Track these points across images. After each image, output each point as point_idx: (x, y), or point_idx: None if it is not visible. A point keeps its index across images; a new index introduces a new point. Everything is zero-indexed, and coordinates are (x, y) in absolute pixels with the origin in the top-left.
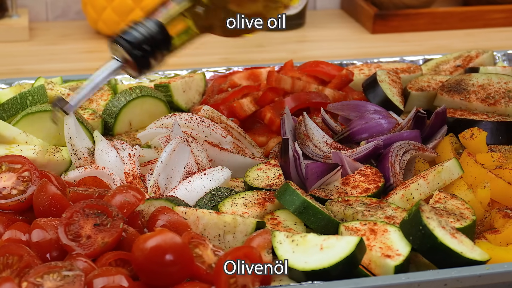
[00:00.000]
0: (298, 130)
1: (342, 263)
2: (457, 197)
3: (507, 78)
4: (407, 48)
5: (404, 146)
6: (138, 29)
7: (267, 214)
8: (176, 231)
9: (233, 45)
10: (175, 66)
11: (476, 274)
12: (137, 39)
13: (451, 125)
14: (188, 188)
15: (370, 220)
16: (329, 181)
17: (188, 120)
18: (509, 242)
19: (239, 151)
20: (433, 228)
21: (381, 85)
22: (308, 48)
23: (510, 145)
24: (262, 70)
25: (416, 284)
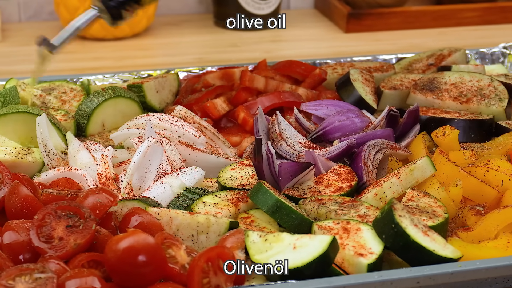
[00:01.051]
0: (271, 130)
1: (315, 262)
2: (430, 195)
3: (479, 76)
4: (380, 47)
5: (377, 145)
6: None
7: (240, 214)
8: (149, 232)
9: (207, 45)
10: (148, 66)
11: (449, 272)
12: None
13: (424, 124)
14: (161, 188)
15: (343, 219)
16: (302, 180)
17: (161, 120)
18: (481, 239)
19: (212, 151)
20: (406, 226)
21: (354, 84)
22: (282, 48)
23: (483, 143)
24: (236, 70)
25: (389, 282)
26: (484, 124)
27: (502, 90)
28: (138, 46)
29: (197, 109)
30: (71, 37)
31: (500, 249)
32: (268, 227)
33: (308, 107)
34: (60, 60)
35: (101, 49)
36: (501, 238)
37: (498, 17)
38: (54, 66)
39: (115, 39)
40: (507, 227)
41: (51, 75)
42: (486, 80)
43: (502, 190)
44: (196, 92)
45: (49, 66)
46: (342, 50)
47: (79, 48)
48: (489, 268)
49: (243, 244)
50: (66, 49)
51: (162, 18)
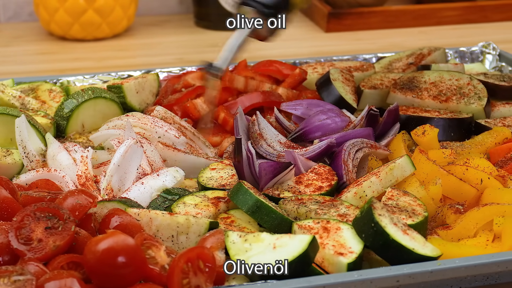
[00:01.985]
0: (251, 130)
1: (295, 262)
2: (409, 193)
3: (458, 75)
4: (360, 46)
5: (357, 144)
6: None
7: (220, 214)
8: (129, 233)
9: (187, 45)
10: (128, 67)
11: (428, 270)
12: (270, 2)
13: (404, 123)
14: (141, 189)
15: (323, 218)
16: (282, 180)
17: (141, 121)
18: (461, 237)
19: (192, 152)
20: (385, 225)
21: (334, 83)
22: (263, 48)
23: (462, 142)
24: None
25: (368, 281)
26: (463, 122)
27: (481, 88)
28: (118, 47)
29: (177, 109)
30: (234, 55)
31: (479, 247)
32: (248, 227)
33: (288, 107)
34: (39, 61)
35: (81, 50)
36: (480, 236)
37: (478, 16)
38: (34, 67)
39: (95, 39)
40: (486, 225)
41: (30, 76)
42: (466, 79)
43: (481, 189)
44: (176, 92)
45: (217, 91)
46: (323, 50)
47: (58, 49)
48: (468, 266)
49: (223, 244)
50: (45, 49)
51: (142, 19)
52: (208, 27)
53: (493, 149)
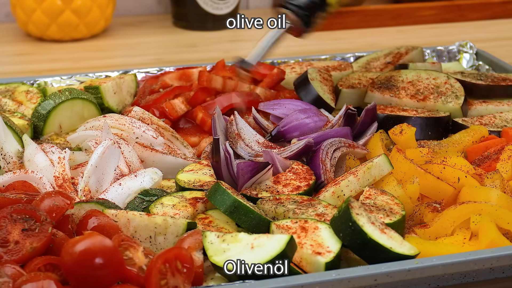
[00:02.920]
0: (229, 130)
1: (273, 262)
2: (387, 192)
3: (435, 74)
4: (338, 46)
5: (335, 144)
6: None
7: (198, 215)
8: (106, 234)
9: (166, 46)
10: (106, 67)
11: (406, 269)
12: (303, 2)
13: (382, 122)
14: (119, 190)
15: (301, 218)
16: (260, 180)
17: (118, 121)
18: (438, 236)
19: (170, 152)
20: (363, 224)
21: (312, 83)
22: (241, 47)
23: (439, 140)
24: (194, 70)
25: (346, 280)
26: (441, 121)
27: (459, 87)
28: (96, 48)
29: (155, 110)
30: (267, 53)
31: (456, 245)
32: (226, 227)
33: (266, 107)
34: (16, 62)
35: (58, 51)
36: (458, 235)
37: (455, 15)
38: (11, 68)
39: (73, 40)
40: (464, 223)
41: (7, 78)
42: (443, 77)
43: (459, 187)
44: (154, 93)
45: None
46: (301, 49)
47: (36, 50)
48: (445, 264)
49: (201, 245)
50: (23, 50)
51: (120, 19)
52: (186, 27)
53: (470, 148)
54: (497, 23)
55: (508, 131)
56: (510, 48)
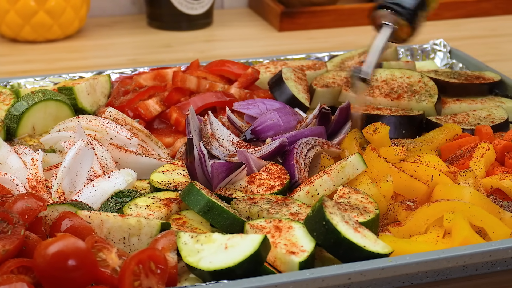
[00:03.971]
0: (203, 130)
1: (247, 261)
2: (361, 191)
3: (409, 72)
4: (313, 45)
5: (309, 143)
6: None
7: (172, 215)
8: (79, 236)
9: (140, 46)
10: (80, 68)
11: (379, 267)
12: (406, 1)
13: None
14: (93, 191)
15: (275, 217)
16: (234, 180)
17: (92, 122)
18: (412, 234)
19: (144, 153)
20: (336, 223)
21: (286, 82)
22: (216, 47)
23: (413, 139)
24: (168, 70)
25: (320, 279)
26: (414, 120)
27: (432, 86)
28: (70, 48)
29: (129, 110)
30: (379, 59)
31: (430, 243)
32: (200, 228)
33: (241, 107)
34: None
35: (32, 52)
36: (431, 232)
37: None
38: None
39: (47, 41)
40: (437, 221)
41: None
42: (416, 76)
43: (432, 185)
44: (128, 93)
45: (365, 95)
46: (276, 49)
47: (9, 51)
48: (419, 262)
49: (175, 245)
50: None
51: (94, 20)
52: (161, 27)
53: (444, 146)
54: (471, 21)
55: (481, 129)
56: (483, 46)
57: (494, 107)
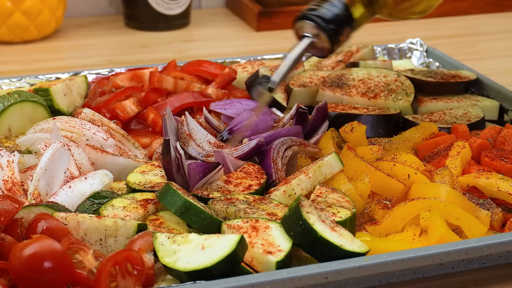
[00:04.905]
0: (180, 130)
1: (224, 262)
2: (338, 190)
3: (386, 71)
4: (291, 44)
5: (286, 142)
6: (325, 6)
7: (149, 216)
8: (56, 238)
9: (118, 47)
10: (57, 69)
11: (356, 266)
12: (328, 15)
13: (333, 120)
14: (69, 193)
15: (252, 217)
16: (211, 180)
17: (68, 123)
18: (389, 232)
19: (121, 154)
20: (313, 222)
21: None
22: (194, 48)
23: (390, 138)
24: (145, 70)
25: (297, 279)
26: (391, 119)
27: (409, 85)
28: (47, 49)
29: (105, 111)
30: (290, 70)
31: (406, 242)
32: (177, 228)
33: (218, 107)
34: None
35: (8, 53)
36: (408, 231)
37: None
38: None
39: (23, 42)
40: (413, 219)
41: None
42: (393, 75)
43: (409, 184)
44: (105, 94)
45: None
46: (253, 49)
47: None
48: (395, 261)
49: (152, 246)
50: None
51: (71, 20)
52: (138, 27)
53: (420, 145)
54: (447, 20)
55: (457, 127)
56: (460, 45)
57: (470, 106)
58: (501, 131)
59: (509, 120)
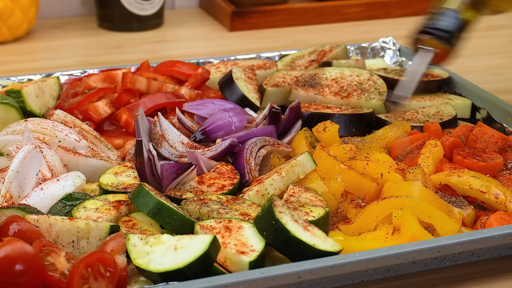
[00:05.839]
0: (153, 131)
1: (197, 262)
2: (311, 190)
3: (359, 71)
4: (265, 44)
5: (259, 142)
6: (441, 19)
7: (122, 217)
8: (27, 240)
9: (91, 47)
10: (30, 71)
11: (329, 265)
12: (447, 26)
13: (306, 119)
14: (41, 195)
15: (225, 217)
16: (184, 181)
17: (40, 125)
18: (362, 231)
19: (94, 155)
20: (286, 222)
21: (237, 82)
22: (167, 48)
23: (363, 137)
24: (118, 71)
25: (270, 278)
26: (364, 118)
27: (381, 84)
28: (19, 51)
29: (78, 112)
30: (417, 83)
31: (379, 240)
32: (150, 230)
33: (191, 107)
34: None
35: None
36: (380, 230)
37: (379, 12)
38: None
39: None
40: (386, 218)
41: None
42: (366, 74)
43: (382, 182)
44: (77, 95)
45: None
46: (227, 49)
47: None
48: (368, 259)
49: (124, 248)
50: None
51: (44, 21)
52: (111, 28)
53: (393, 143)
54: (420, 19)
55: (430, 126)
56: None
57: (442, 104)
58: (473, 129)
59: (481, 118)
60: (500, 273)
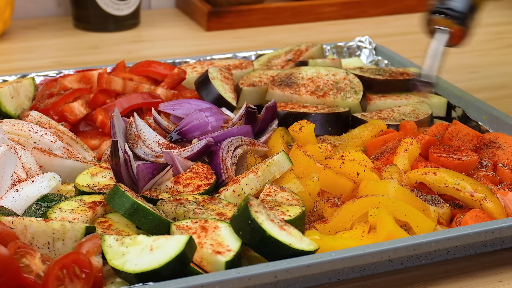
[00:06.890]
0: (129, 132)
1: (172, 263)
2: (287, 189)
3: (335, 70)
4: (241, 44)
5: (235, 142)
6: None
7: (98, 218)
8: (2, 242)
9: (66, 48)
10: (5, 71)
11: (305, 264)
12: (459, 7)
13: (283, 119)
14: (16, 196)
15: (201, 217)
16: (160, 181)
17: (15, 126)
18: (338, 230)
19: (70, 156)
20: (262, 221)
21: (213, 82)
22: (144, 48)
23: (340, 136)
24: (94, 72)
25: (246, 278)
26: (340, 117)
27: (357, 83)
28: None
29: (53, 113)
30: (440, 63)
31: (355, 239)
32: (126, 230)
33: (167, 107)
34: None
35: None
36: (356, 228)
37: (355, 11)
38: None
39: None
40: (362, 217)
41: None
42: (342, 73)
43: (358, 181)
44: (53, 96)
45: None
46: (204, 49)
47: None
48: (344, 258)
49: (100, 249)
50: None
51: (19, 22)
52: (87, 29)
53: (369, 142)
54: (396, 18)
55: (405, 124)
56: (408, 43)
57: (418, 103)
58: (449, 127)
59: (456, 116)
60: (476, 271)
